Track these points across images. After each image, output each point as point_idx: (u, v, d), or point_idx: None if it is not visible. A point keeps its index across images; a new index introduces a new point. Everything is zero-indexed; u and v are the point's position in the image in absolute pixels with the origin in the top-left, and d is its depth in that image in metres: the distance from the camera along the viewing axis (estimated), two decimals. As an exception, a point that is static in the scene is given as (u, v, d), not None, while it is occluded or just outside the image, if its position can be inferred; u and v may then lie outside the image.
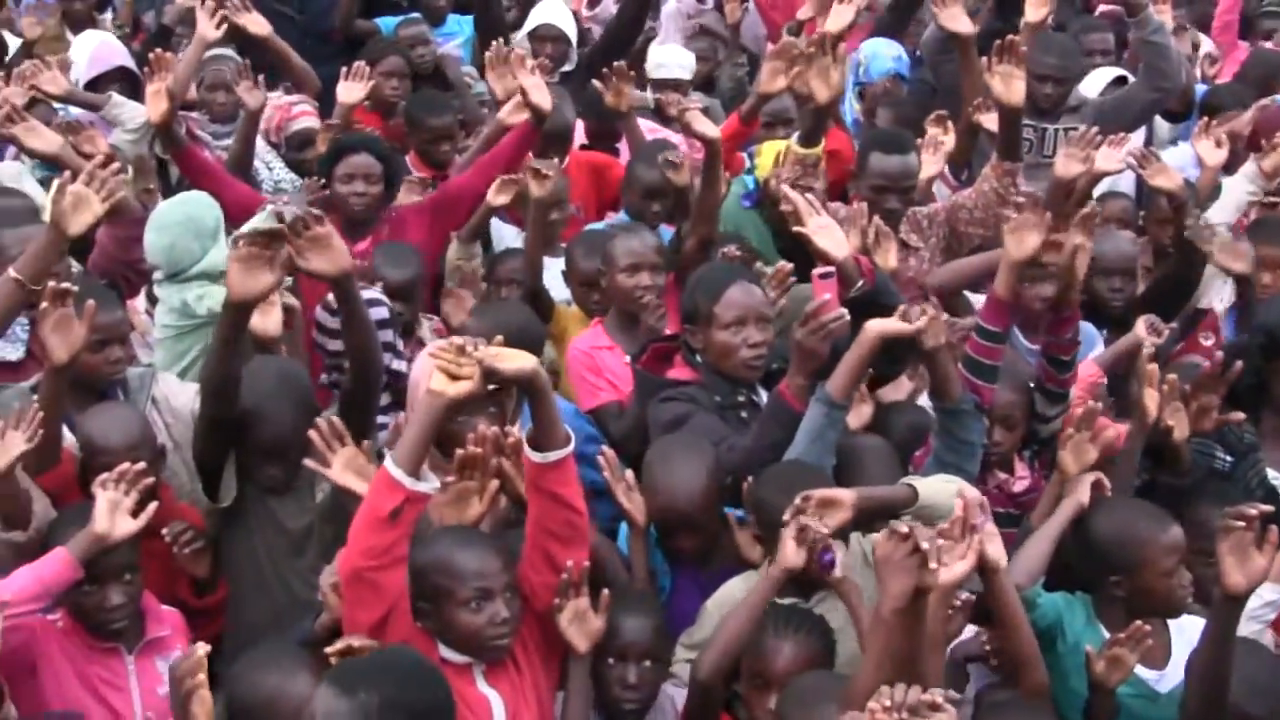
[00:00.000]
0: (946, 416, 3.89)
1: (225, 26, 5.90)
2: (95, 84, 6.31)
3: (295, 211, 4.59)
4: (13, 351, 4.40)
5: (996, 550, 3.19)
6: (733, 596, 3.62)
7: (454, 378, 3.08)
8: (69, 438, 3.86)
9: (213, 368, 3.75)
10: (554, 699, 3.41)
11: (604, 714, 3.49)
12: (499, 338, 3.23)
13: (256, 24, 6.22)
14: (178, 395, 4.16)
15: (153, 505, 3.54)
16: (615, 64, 5.94)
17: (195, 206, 4.66)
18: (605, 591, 3.38)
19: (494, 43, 5.91)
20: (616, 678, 3.46)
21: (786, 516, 3.41)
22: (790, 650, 3.36)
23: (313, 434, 3.60)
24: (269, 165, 6.11)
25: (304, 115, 6.31)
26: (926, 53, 6.42)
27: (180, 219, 4.55)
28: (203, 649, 3.06)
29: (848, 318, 3.75)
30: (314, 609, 3.45)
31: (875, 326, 3.69)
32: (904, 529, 3.02)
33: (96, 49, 6.51)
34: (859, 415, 4.22)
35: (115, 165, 4.10)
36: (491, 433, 3.54)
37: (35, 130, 4.66)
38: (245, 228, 4.53)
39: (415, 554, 3.26)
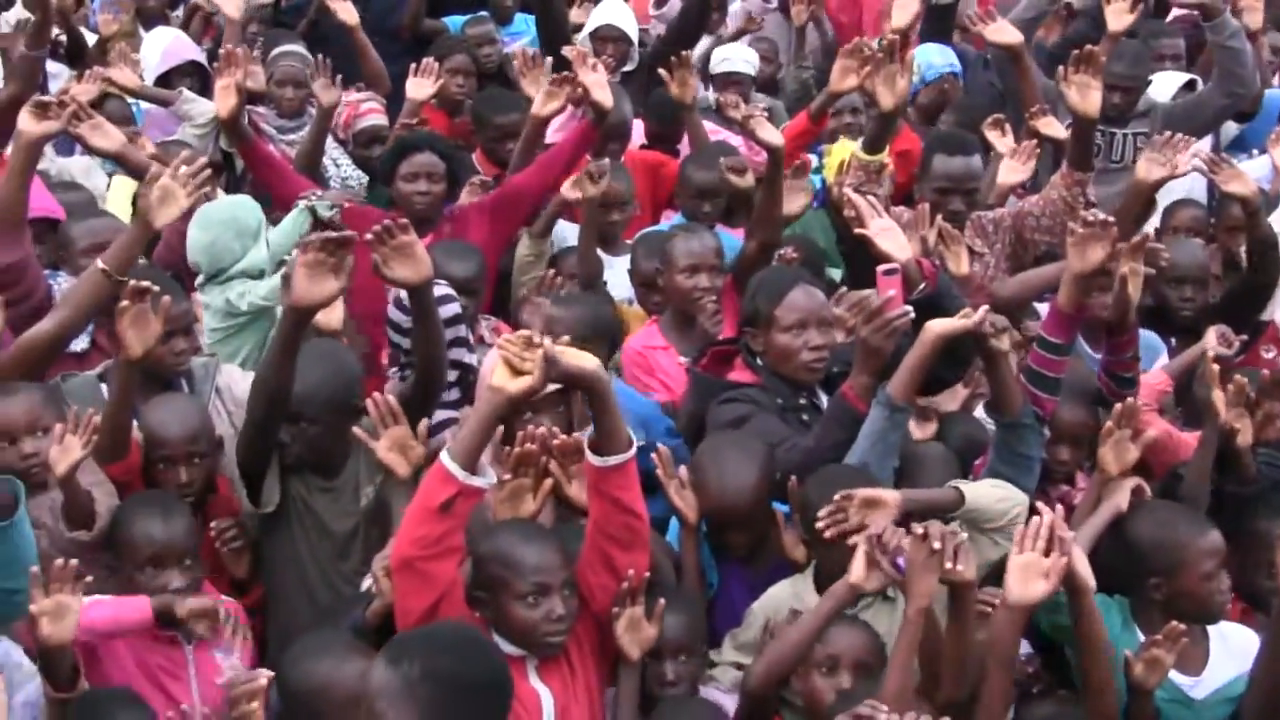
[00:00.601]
0: (1006, 430, 3.85)
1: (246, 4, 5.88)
2: (167, 78, 6.40)
3: (329, 206, 4.65)
4: (78, 342, 4.46)
5: (1084, 569, 3.17)
6: (779, 600, 3.62)
7: (517, 373, 3.07)
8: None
9: (269, 371, 3.73)
10: (604, 698, 3.41)
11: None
12: (565, 336, 3.21)
13: (347, 12, 6.25)
14: (240, 384, 4.20)
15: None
16: (681, 55, 5.95)
17: (238, 207, 4.73)
18: (661, 601, 3.38)
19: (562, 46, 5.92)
20: (654, 674, 3.46)
21: (823, 513, 3.43)
22: (852, 631, 3.37)
23: (369, 404, 3.63)
24: (337, 162, 6.15)
25: (372, 113, 6.33)
26: (994, 57, 6.36)
27: (224, 218, 4.62)
28: (265, 677, 3.08)
29: (912, 314, 3.73)
30: (365, 600, 3.47)
31: (936, 326, 3.67)
32: (920, 529, 3.04)
33: (169, 44, 6.61)
34: (923, 432, 4.20)
35: (202, 161, 4.14)
36: (540, 432, 3.54)
37: (100, 128, 4.72)
38: (281, 224, 4.58)
39: (477, 544, 3.28)
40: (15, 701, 3.30)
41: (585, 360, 3.14)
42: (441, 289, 4.30)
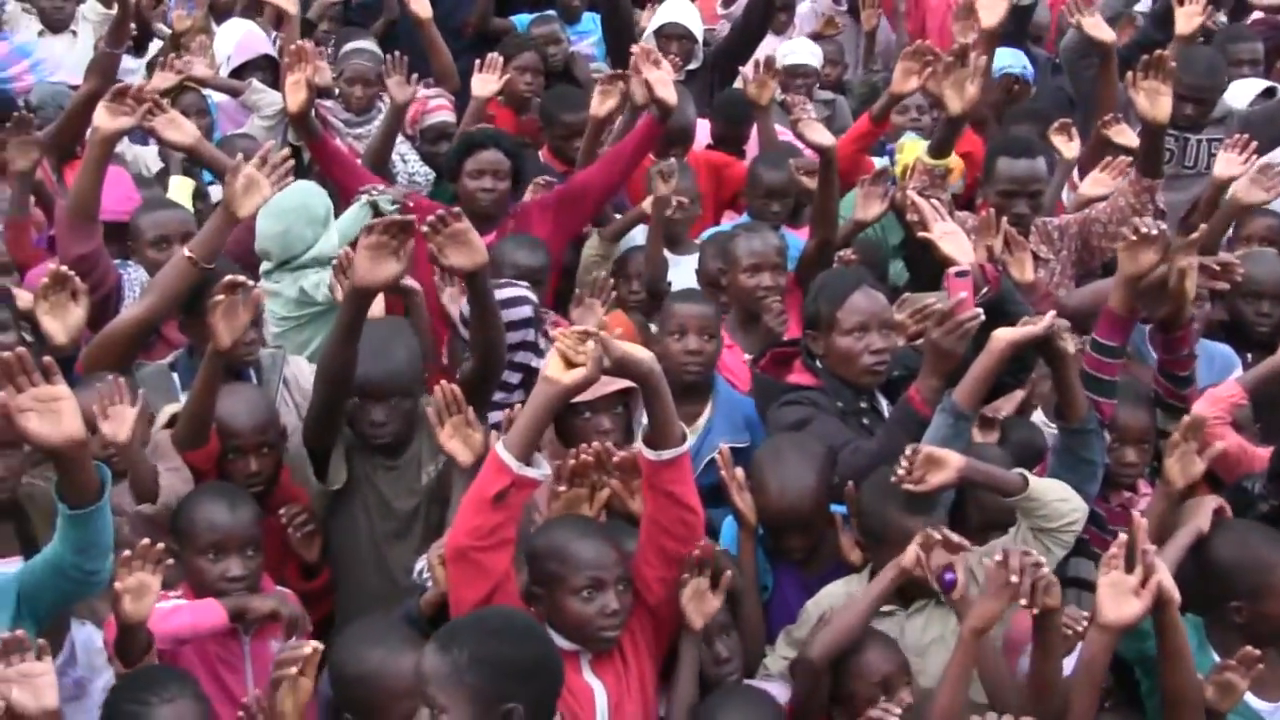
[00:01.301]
0: (1070, 436, 3.81)
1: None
2: (239, 72, 6.48)
3: (390, 201, 4.68)
4: (141, 332, 4.53)
5: (1169, 584, 3.13)
6: (833, 598, 3.61)
7: (571, 365, 3.09)
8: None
9: (331, 352, 3.79)
10: (658, 693, 3.41)
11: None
12: (619, 330, 3.22)
13: (421, 5, 6.30)
14: (306, 376, 4.25)
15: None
16: (767, 58, 6.00)
17: (307, 194, 4.75)
18: (728, 574, 3.38)
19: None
20: (707, 656, 3.46)
21: (902, 469, 3.44)
22: (882, 649, 3.36)
23: (435, 391, 3.66)
24: (404, 158, 6.19)
25: (440, 109, 6.37)
26: (1065, 60, 6.28)
27: (293, 206, 4.65)
28: (310, 647, 3.11)
29: (983, 317, 3.70)
30: (419, 589, 3.48)
31: (1005, 335, 3.64)
32: (1000, 555, 3.02)
33: (242, 38, 6.70)
34: (985, 439, 4.16)
35: (285, 151, 4.18)
36: (596, 448, 3.56)
37: (174, 123, 4.78)
38: (343, 217, 4.61)
39: (533, 538, 3.31)
40: (95, 686, 3.39)
41: (639, 352, 3.15)
42: (516, 290, 4.32)
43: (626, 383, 3.60)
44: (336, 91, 6.36)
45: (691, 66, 6.79)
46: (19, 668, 2.84)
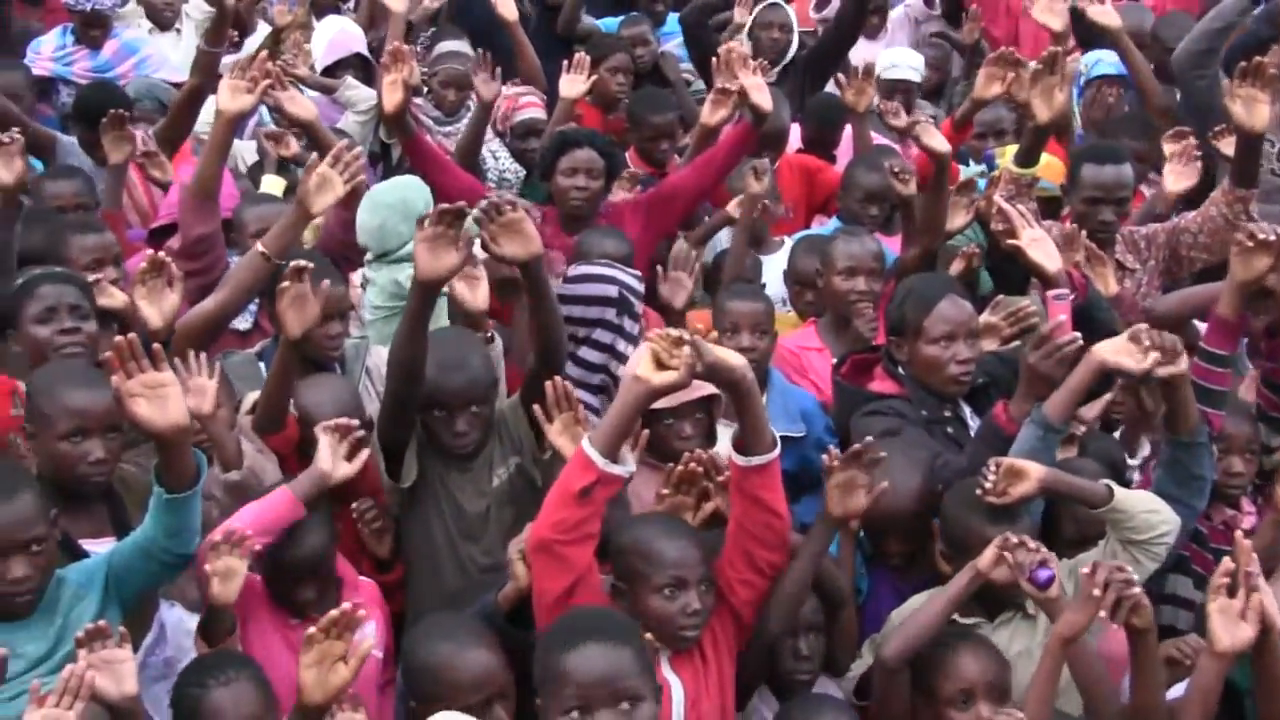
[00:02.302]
0: (1179, 449, 3.75)
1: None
2: (331, 68, 6.58)
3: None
4: (242, 321, 4.64)
5: (1273, 608, 3.09)
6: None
7: (662, 367, 3.10)
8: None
9: (401, 346, 3.79)
10: (734, 692, 3.42)
11: (774, 688, 3.54)
12: (713, 334, 3.23)
13: (507, 7, 6.36)
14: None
15: (364, 453, 3.67)
16: (865, 65, 5.98)
17: (406, 189, 4.79)
18: (883, 485, 3.45)
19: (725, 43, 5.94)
20: (788, 649, 3.48)
21: (991, 477, 3.43)
22: (976, 655, 3.32)
23: (547, 387, 3.68)
24: (495, 155, 6.25)
25: (530, 106, 6.39)
26: (1177, 69, 6.14)
27: (391, 201, 4.69)
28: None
29: (1081, 341, 3.65)
30: (494, 585, 3.51)
31: (1102, 355, 3.60)
32: (1089, 567, 2.99)
33: (336, 35, 6.80)
34: (1065, 453, 4.11)
35: (358, 149, 4.25)
36: (707, 457, 3.56)
37: (295, 98, 4.90)
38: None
39: (618, 534, 3.33)
40: (183, 666, 3.46)
41: (732, 357, 3.17)
42: (606, 269, 4.35)
43: (709, 389, 3.62)
44: (425, 90, 6.40)
45: (784, 62, 6.79)
46: (101, 654, 2.92)
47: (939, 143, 4.92)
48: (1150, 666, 3.23)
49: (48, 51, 6.83)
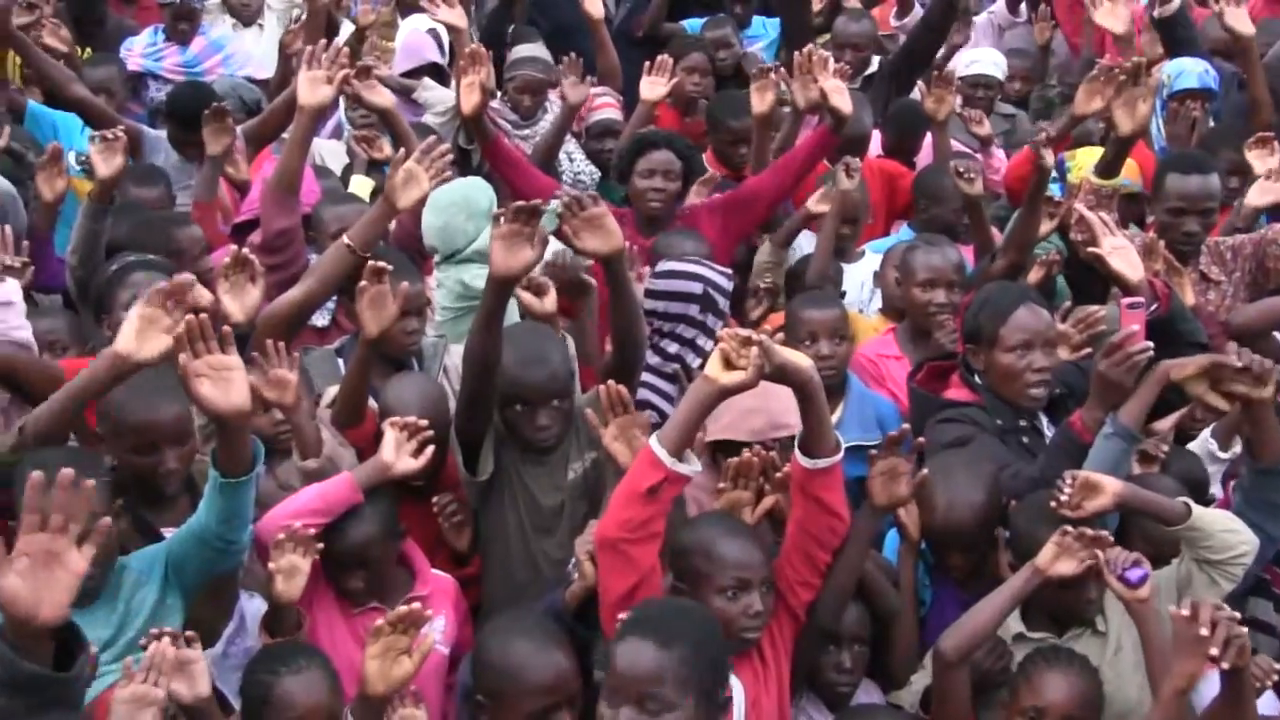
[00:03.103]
0: (1261, 476, 3.67)
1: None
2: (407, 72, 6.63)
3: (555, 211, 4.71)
4: (320, 318, 4.69)
5: None
6: None
7: (732, 367, 3.10)
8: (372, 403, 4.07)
9: (476, 343, 3.80)
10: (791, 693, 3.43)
11: (819, 698, 3.54)
12: (780, 335, 3.23)
13: (594, 5, 6.38)
14: None
15: (429, 451, 3.68)
16: (944, 71, 5.94)
17: (469, 188, 4.81)
18: (923, 472, 3.47)
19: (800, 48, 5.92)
20: (831, 661, 3.48)
21: (1066, 490, 3.39)
22: (1065, 681, 3.27)
23: (601, 392, 3.68)
24: (570, 156, 6.26)
25: (605, 106, 6.41)
26: (1271, 73, 6.02)
27: (455, 200, 4.70)
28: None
29: (1152, 351, 3.62)
30: (563, 582, 3.52)
31: (1171, 373, 3.56)
32: (1185, 612, 2.91)
33: (409, 40, 6.87)
34: (1146, 470, 4.07)
35: (445, 146, 4.28)
36: (761, 453, 3.56)
37: (373, 87, 4.96)
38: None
39: (680, 534, 3.33)
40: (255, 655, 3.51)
41: (800, 359, 3.17)
42: (689, 265, 4.35)
43: (788, 433, 3.56)
44: (502, 94, 6.43)
45: (868, 71, 6.76)
46: (174, 657, 2.94)
47: (1048, 156, 4.76)
48: (1246, 701, 3.07)
49: (139, 48, 7.00)
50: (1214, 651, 2.89)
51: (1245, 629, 2.97)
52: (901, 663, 3.61)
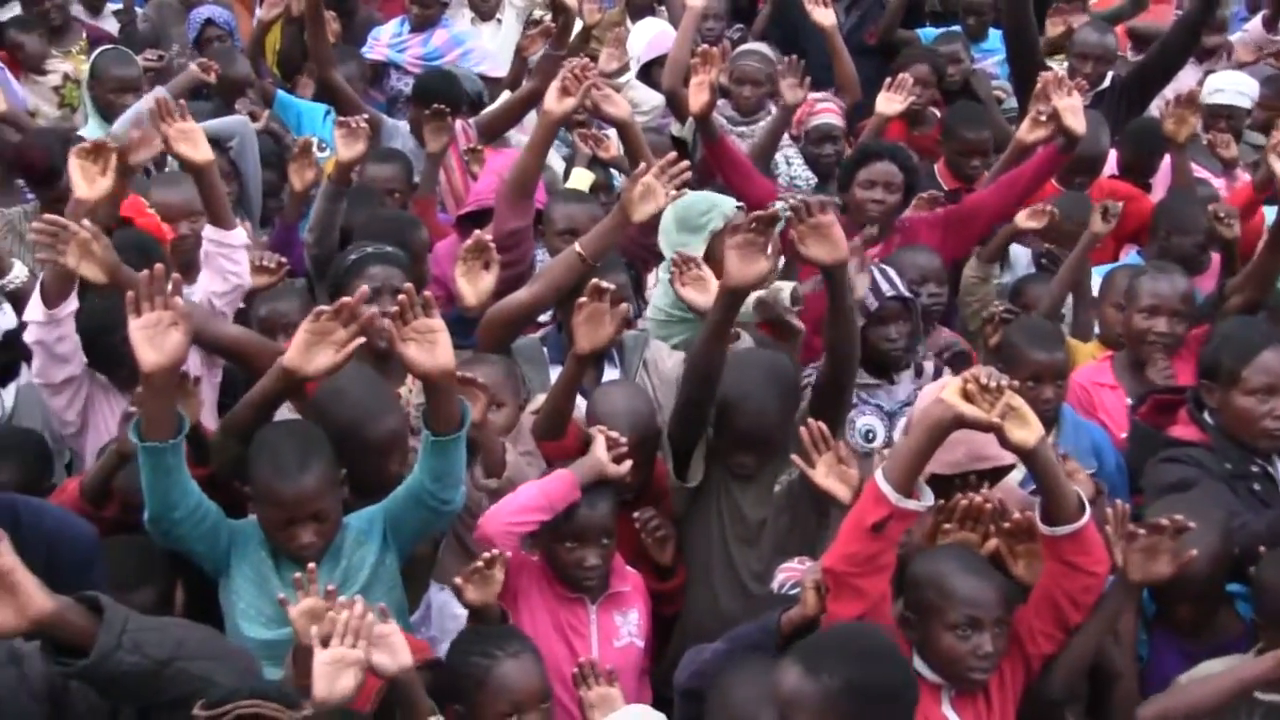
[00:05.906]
0: None
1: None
2: (647, 67, 6.68)
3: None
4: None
5: None
6: (1210, 674, 3.39)
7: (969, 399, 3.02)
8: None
9: (701, 351, 3.79)
10: None
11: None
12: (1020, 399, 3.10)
13: (824, 14, 6.35)
14: (665, 360, 4.37)
15: (628, 464, 3.69)
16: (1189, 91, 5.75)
17: (702, 201, 4.72)
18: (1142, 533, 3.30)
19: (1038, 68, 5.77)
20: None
21: None
22: None
23: (803, 432, 3.62)
24: (788, 160, 6.24)
25: (826, 111, 6.34)
26: None
27: (677, 211, 4.63)
28: None
29: None
30: (783, 600, 3.43)
31: None
32: None
33: (655, 36, 6.94)
34: None
35: (684, 163, 4.28)
36: (992, 497, 3.40)
37: (610, 98, 5.02)
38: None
39: (917, 564, 3.25)
40: (443, 648, 3.58)
41: (1028, 438, 3.03)
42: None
43: (990, 464, 3.48)
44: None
45: (1102, 86, 6.56)
46: (374, 631, 2.99)
47: None
48: None
49: (385, 39, 7.22)
50: None
51: None
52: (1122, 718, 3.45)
